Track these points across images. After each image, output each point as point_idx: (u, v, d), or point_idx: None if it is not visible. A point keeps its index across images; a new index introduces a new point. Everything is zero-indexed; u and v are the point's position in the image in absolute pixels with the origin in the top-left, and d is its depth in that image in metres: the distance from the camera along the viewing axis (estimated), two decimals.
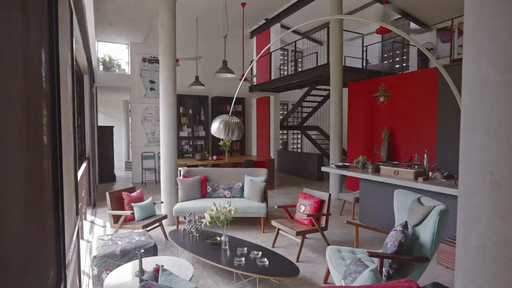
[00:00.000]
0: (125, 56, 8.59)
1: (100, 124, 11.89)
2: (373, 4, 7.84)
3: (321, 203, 3.72)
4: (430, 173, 4.01)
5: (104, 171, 8.74)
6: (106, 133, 8.92)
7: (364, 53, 7.49)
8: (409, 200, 2.71)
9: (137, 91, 8.38)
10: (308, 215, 3.46)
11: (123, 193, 3.89)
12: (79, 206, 2.27)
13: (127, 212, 3.58)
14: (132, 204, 3.80)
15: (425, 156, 4.07)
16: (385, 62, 9.20)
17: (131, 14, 6.37)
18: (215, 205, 3.14)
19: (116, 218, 3.73)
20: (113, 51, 8.66)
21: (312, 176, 8.58)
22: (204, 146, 8.90)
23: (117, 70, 8.62)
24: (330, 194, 3.66)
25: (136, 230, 3.23)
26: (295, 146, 12.36)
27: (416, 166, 3.98)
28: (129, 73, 8.40)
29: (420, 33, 8.06)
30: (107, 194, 3.74)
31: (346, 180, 7.30)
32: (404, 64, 8.81)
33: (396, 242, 2.23)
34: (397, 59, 9.10)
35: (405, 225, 2.44)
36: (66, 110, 1.74)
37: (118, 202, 3.89)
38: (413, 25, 8.46)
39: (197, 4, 7.07)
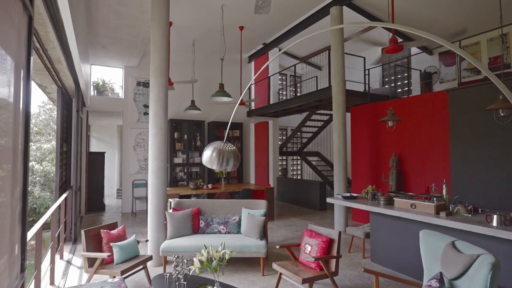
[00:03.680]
0: (120, 80, 8.32)
1: (93, 149, 11.48)
2: (374, 28, 7.72)
3: (329, 242, 3.23)
4: (451, 207, 3.55)
5: (93, 200, 8.18)
6: (96, 160, 8.45)
7: (366, 76, 7.25)
8: (440, 244, 2.24)
9: (130, 116, 8.02)
10: (316, 259, 2.96)
11: (101, 230, 3.38)
12: (26, 260, 1.78)
13: (103, 255, 3.06)
14: (111, 244, 3.28)
15: (444, 186, 3.62)
16: (386, 86, 8.97)
17: (125, 37, 6.13)
18: (205, 248, 2.65)
19: (91, 261, 3.19)
20: (109, 74, 8.41)
21: (315, 206, 8.05)
22: (200, 173, 8.42)
23: (110, 94, 8.31)
24: (340, 232, 3.17)
25: (110, 280, 2.70)
26: (295, 173, 11.89)
27: (435, 199, 3.52)
28: (123, 97, 8.09)
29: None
30: (82, 232, 3.23)
31: (352, 210, 6.78)
32: (406, 88, 8.58)
33: None
34: (399, 83, 8.88)
35: (440, 279, 1.96)
36: (7, 133, 1.31)
37: (96, 241, 3.37)
38: (414, 49, 8.32)
39: (194, 27, 6.90)
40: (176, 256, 3.07)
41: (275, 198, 9.34)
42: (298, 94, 10.47)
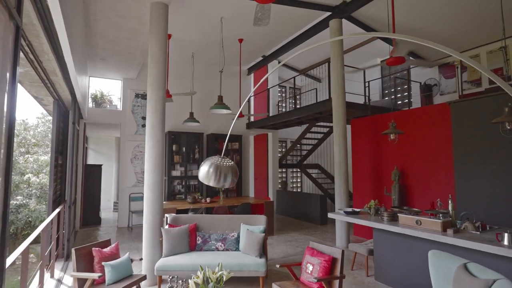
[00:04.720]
0: (118, 91, 8.26)
1: (91, 161, 11.34)
2: (373, 41, 7.73)
3: (332, 261, 3.08)
4: (458, 223, 3.42)
5: (88, 214, 8.00)
6: (93, 172, 8.31)
7: (366, 88, 7.20)
8: (451, 266, 2.10)
9: (128, 128, 7.93)
10: (318, 280, 2.80)
11: (93, 249, 3.23)
12: (4, 285, 1.63)
13: (94, 275, 2.90)
14: (103, 263, 3.12)
15: (450, 202, 3.50)
16: (386, 98, 8.93)
17: (123, 49, 6.10)
18: (202, 269, 2.50)
19: (82, 282, 3.03)
20: (108, 86, 8.37)
21: (315, 220, 7.88)
22: (198, 187, 8.26)
23: (108, 106, 8.25)
24: (343, 251, 3.03)
25: None
26: (294, 185, 11.73)
27: (441, 215, 3.39)
28: (121, 109, 8.02)
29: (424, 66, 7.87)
30: (72, 251, 3.08)
31: (354, 225, 6.61)
32: (406, 100, 8.53)
33: None
34: (399, 95, 8.84)
35: None
36: None
37: (87, 260, 3.21)
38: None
39: (193, 39, 6.88)
40: (170, 277, 2.92)
41: (275, 211, 9.16)
42: (298, 106, 10.42)
